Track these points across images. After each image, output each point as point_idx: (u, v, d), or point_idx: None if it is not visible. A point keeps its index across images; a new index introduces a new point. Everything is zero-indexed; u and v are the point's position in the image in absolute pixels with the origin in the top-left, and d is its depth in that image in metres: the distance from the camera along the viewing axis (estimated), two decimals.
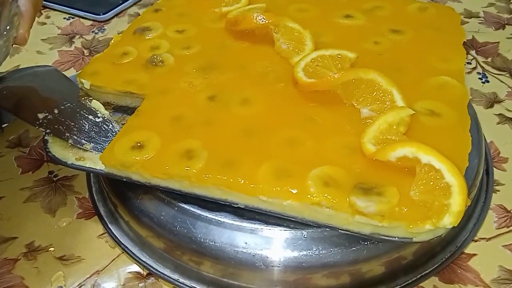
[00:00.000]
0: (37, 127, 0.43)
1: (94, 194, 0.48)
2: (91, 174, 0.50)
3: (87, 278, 0.42)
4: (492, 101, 0.60)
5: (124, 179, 0.40)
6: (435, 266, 0.41)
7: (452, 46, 0.51)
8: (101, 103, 0.49)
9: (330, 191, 0.35)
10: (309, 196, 0.35)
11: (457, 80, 0.45)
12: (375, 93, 0.41)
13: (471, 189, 0.43)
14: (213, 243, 0.38)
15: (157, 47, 0.51)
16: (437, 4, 0.65)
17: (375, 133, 0.38)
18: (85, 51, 0.71)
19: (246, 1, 0.58)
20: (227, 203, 0.38)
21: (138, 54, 0.51)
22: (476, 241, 0.44)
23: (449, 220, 0.33)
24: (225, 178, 0.36)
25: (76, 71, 0.66)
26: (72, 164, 0.41)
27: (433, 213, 0.33)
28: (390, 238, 0.35)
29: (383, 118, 0.39)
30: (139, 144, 0.39)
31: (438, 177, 0.34)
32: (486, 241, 0.44)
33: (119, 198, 0.44)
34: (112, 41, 0.53)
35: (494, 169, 0.50)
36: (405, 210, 0.33)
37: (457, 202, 0.33)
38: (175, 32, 0.54)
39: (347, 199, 0.34)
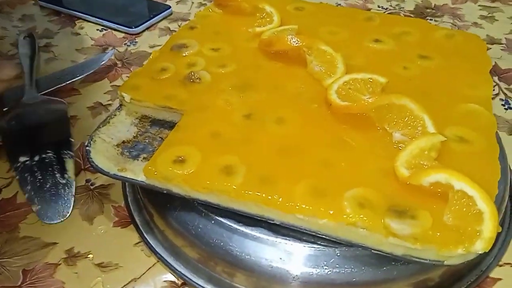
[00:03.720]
0: (12, 170, 0.47)
1: (130, 204, 0.50)
2: (127, 184, 0.52)
3: (125, 285, 0.43)
4: None
5: (164, 191, 0.41)
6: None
7: (479, 73, 0.52)
8: (139, 116, 0.51)
9: (365, 212, 0.36)
10: (345, 216, 0.36)
11: (485, 107, 0.47)
12: (406, 118, 0.43)
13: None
14: (248, 256, 0.40)
15: (193, 64, 0.54)
16: (463, 32, 0.66)
17: (407, 157, 0.39)
18: (118, 63, 0.73)
19: (278, 22, 0.60)
20: (263, 219, 0.39)
21: (176, 70, 0.53)
22: (501, 265, 0.45)
23: (481, 246, 0.34)
24: (263, 195, 0.38)
25: (110, 82, 0.69)
26: (114, 174, 0.43)
27: (466, 238, 0.34)
28: (422, 260, 0.36)
29: (416, 143, 0.40)
30: (180, 159, 0.41)
31: (470, 203, 0.35)
32: (511, 266, 0.45)
33: (155, 209, 0.46)
34: (151, 57, 0.55)
35: None
36: (438, 234, 0.35)
37: (489, 228, 0.34)
38: (211, 50, 0.56)
39: (382, 221, 0.36)
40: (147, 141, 0.49)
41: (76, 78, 0.66)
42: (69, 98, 0.65)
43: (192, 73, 0.52)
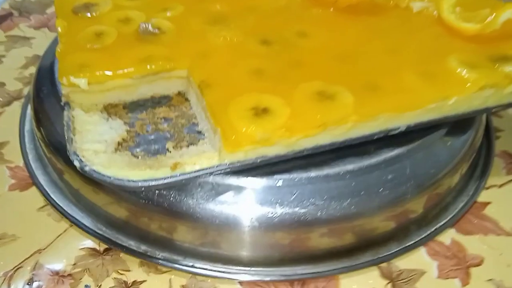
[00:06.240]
0: None
1: (31, 162, 0.39)
2: (26, 139, 0.41)
3: (25, 259, 0.34)
4: None
5: (258, 161, 0.29)
6: (448, 218, 0.36)
7: None
8: (102, 108, 0.34)
9: (483, 71, 0.33)
10: (470, 84, 0.32)
11: None
12: None
13: (476, 138, 0.39)
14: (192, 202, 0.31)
15: (128, 19, 0.38)
16: None
17: (456, 14, 0.37)
18: (15, 12, 0.61)
19: None
20: (382, 134, 0.32)
21: (117, 31, 0.37)
22: (487, 188, 0.39)
23: None
24: (387, 102, 0.31)
25: (4, 32, 0.58)
26: (176, 176, 0.28)
27: None
28: None
29: (445, 3, 0.38)
30: (261, 109, 0.29)
31: None
32: (498, 187, 0.40)
33: (67, 164, 0.33)
34: (59, 30, 0.37)
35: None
36: None
37: None
38: (128, 1, 0.41)
39: (499, 71, 0.33)
40: (149, 129, 0.33)
41: None
42: None
43: (145, 25, 0.37)
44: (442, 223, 0.35)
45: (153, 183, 0.28)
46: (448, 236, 0.35)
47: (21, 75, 0.50)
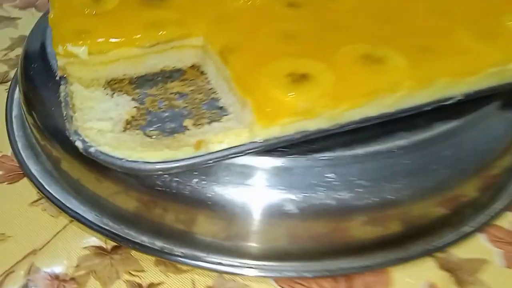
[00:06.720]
0: None
1: (21, 151, 0.34)
2: (13, 126, 0.36)
3: (18, 262, 0.29)
4: None
5: (298, 137, 0.24)
6: (506, 200, 0.31)
7: None
8: (104, 83, 0.29)
9: None
10: None
11: None
12: None
13: None
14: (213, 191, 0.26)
15: None
16: None
17: None
18: None
19: None
20: (435, 104, 0.27)
21: None
22: None
23: None
24: (445, 65, 0.26)
25: None
26: (203, 156, 0.23)
27: None
28: None
29: None
30: (299, 75, 0.25)
31: None
32: None
33: (65, 151, 0.29)
34: None
35: None
36: None
37: None
38: None
39: None
40: (162, 106, 0.28)
41: None
42: None
43: None
44: (499, 205, 0.31)
45: (175, 164, 0.23)
46: (507, 220, 0.31)
47: (7, 57, 0.45)
